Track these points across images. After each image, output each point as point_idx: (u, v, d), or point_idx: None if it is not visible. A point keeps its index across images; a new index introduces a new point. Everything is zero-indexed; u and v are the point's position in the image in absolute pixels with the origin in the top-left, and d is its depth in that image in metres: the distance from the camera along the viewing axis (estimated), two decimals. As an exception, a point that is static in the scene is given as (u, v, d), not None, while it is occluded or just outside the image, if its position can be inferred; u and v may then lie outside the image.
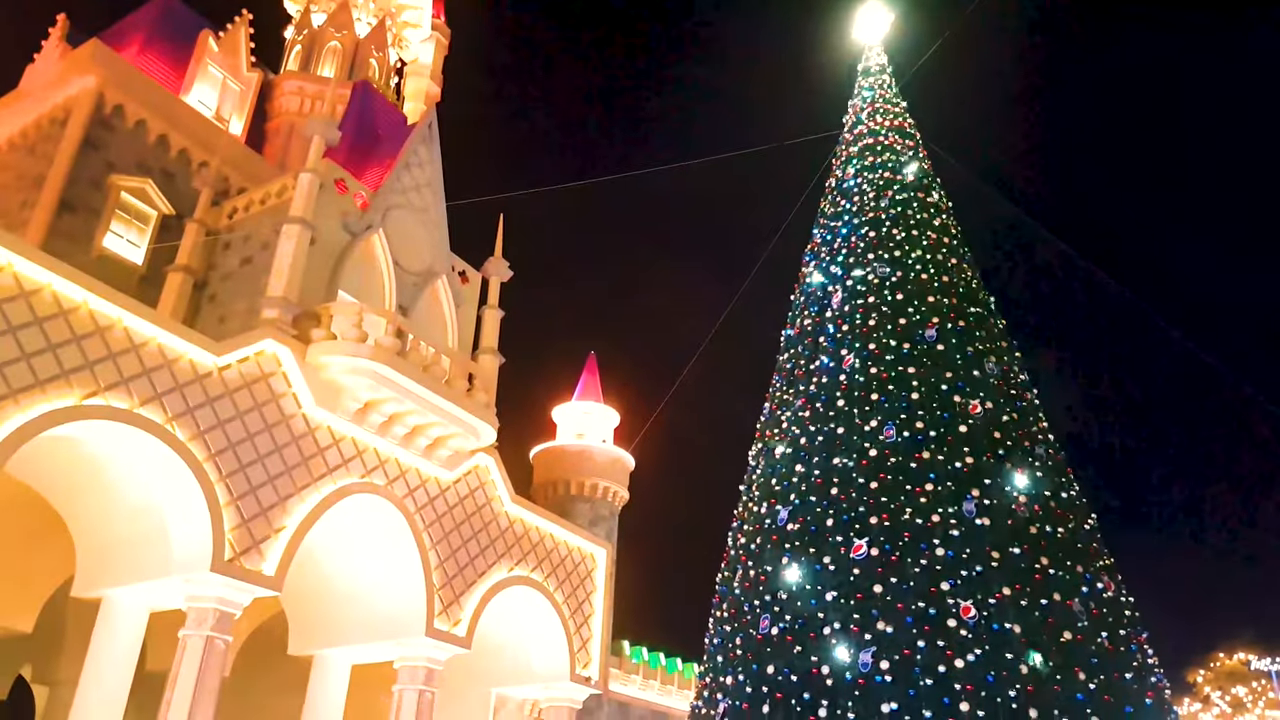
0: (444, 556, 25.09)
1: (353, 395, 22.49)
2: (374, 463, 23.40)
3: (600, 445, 37.65)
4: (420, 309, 26.01)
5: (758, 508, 15.51)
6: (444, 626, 24.72)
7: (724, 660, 14.41)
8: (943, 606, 12.68)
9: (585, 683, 29.75)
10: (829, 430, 15.11)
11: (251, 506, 20.17)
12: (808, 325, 16.73)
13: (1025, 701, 11.82)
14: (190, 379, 19.58)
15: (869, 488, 14.11)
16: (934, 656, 12.31)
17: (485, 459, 27.17)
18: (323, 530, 22.63)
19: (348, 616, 24.81)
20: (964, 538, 13.20)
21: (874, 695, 12.26)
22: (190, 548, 19.45)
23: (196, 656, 19.27)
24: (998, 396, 14.94)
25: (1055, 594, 12.85)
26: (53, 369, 17.46)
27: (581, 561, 31.01)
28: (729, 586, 15.34)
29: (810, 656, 12.99)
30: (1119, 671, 12.61)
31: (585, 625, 30.32)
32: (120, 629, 20.15)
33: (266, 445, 20.76)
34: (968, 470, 13.87)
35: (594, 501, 36.25)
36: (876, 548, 13.45)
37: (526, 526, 28.63)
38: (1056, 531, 13.66)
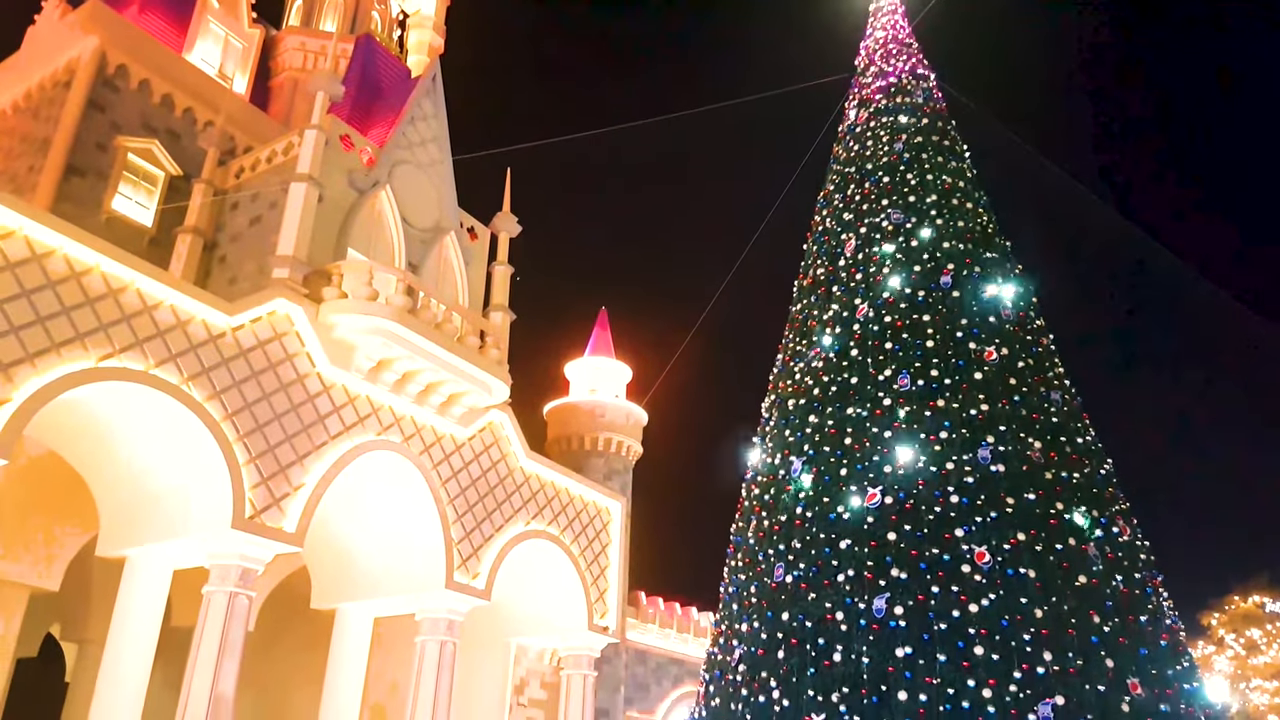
0: (461, 512, 25.35)
1: (365, 354, 22.57)
2: (389, 420, 23.55)
3: (613, 400, 37.74)
4: (430, 266, 25.97)
5: (771, 459, 15.54)
6: (463, 579, 25.06)
7: (739, 608, 14.55)
8: (957, 553, 12.72)
9: (603, 632, 30.20)
10: (842, 380, 15.06)
11: (270, 465, 20.38)
12: (820, 274, 16.59)
13: (1039, 645, 11.91)
14: (204, 340, 19.67)
15: (883, 437, 14.09)
16: (948, 602, 12.37)
17: (499, 415, 27.31)
18: (341, 487, 22.87)
19: (369, 571, 25.19)
20: (978, 484, 13.21)
21: (888, 640, 12.35)
22: (211, 506, 19.70)
23: (221, 612, 19.62)
24: (1013, 342, 14.84)
25: (1070, 539, 12.88)
26: (68, 332, 17.57)
27: (597, 515, 31.29)
28: (743, 536, 15.43)
29: (824, 603, 13.08)
30: (1134, 615, 12.67)
31: (602, 577, 30.68)
32: (145, 587, 20.52)
33: (282, 405, 20.91)
34: (982, 417, 13.84)
35: (608, 456, 36.44)
36: (890, 496, 13.47)
37: (542, 481, 28.85)
38: (1072, 476, 13.64)
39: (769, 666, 13.25)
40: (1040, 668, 11.76)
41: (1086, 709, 11.51)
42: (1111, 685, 11.79)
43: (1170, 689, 12.27)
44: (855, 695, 12.13)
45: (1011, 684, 11.65)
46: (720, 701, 13.89)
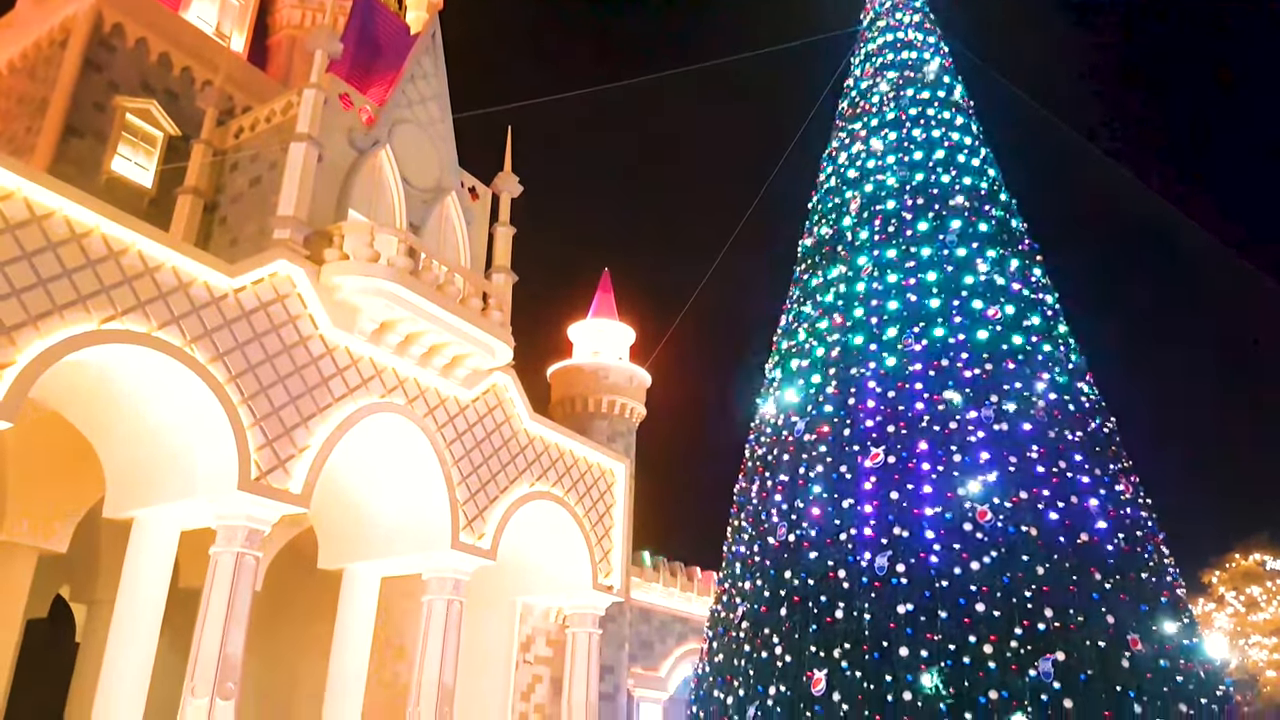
0: (466, 473, 25.46)
1: (368, 316, 22.53)
2: (393, 383, 23.57)
3: (616, 362, 37.72)
4: (431, 227, 25.83)
5: (775, 419, 15.56)
6: (469, 540, 25.23)
7: (742, 567, 14.67)
8: (959, 511, 12.78)
9: (608, 591, 30.46)
10: (846, 341, 15.04)
11: (275, 427, 20.43)
12: (825, 234, 16.48)
13: (1040, 601, 11.99)
14: (206, 302, 19.63)
15: (886, 397, 14.10)
16: (950, 560, 12.46)
17: (503, 377, 27.33)
18: (347, 449, 22.94)
19: (375, 531, 25.36)
20: (981, 443, 13.23)
21: (890, 597, 12.47)
22: (216, 468, 19.78)
23: (228, 573, 19.77)
24: (1018, 301, 14.77)
25: (1072, 496, 12.91)
26: (69, 294, 17.53)
27: (601, 476, 31.42)
28: (747, 497, 15.51)
29: (827, 561, 13.19)
30: (1134, 572, 12.74)
31: (606, 537, 30.88)
32: (152, 548, 20.65)
33: (286, 367, 20.91)
34: (986, 376, 13.82)
35: (611, 418, 36.51)
36: (894, 456, 13.52)
37: (546, 443, 28.94)
38: (1075, 435, 13.65)
39: (772, 623, 13.39)
40: (1041, 624, 11.86)
41: (1087, 664, 11.62)
42: (1112, 641, 11.89)
43: (1170, 644, 12.38)
44: (857, 651, 12.26)
45: (1012, 640, 11.76)
46: (724, 657, 14.05)
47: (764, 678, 12.98)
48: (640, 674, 36.18)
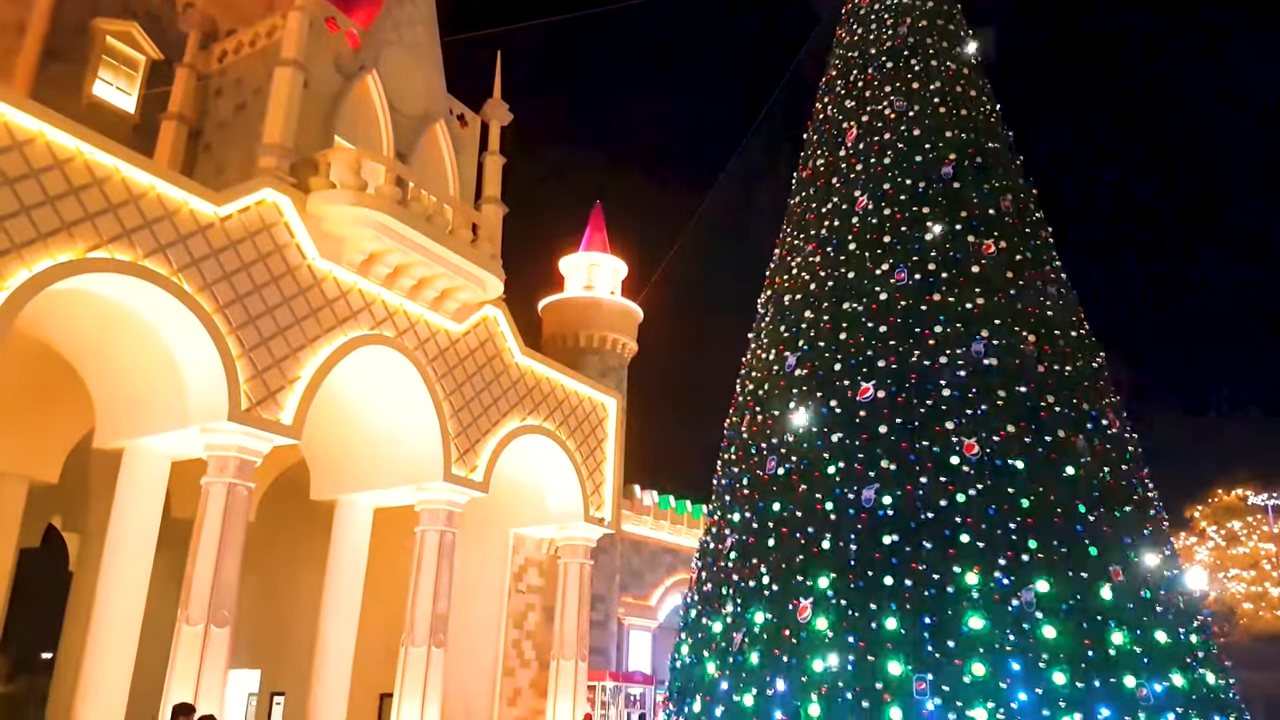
0: (458, 407, 25.52)
1: (357, 246, 22.31)
2: (383, 315, 23.45)
3: (608, 297, 37.59)
4: (419, 156, 25.41)
5: (766, 354, 15.53)
6: (461, 472, 25.40)
7: (731, 500, 14.77)
8: (946, 444, 12.84)
9: (599, 523, 30.83)
10: (839, 275, 14.93)
11: (264, 358, 20.37)
12: (820, 165, 16.25)
13: (1025, 533, 12.13)
14: (192, 230, 19.40)
15: (878, 331, 14.05)
16: (936, 492, 12.54)
17: (494, 311, 27.22)
18: (338, 380, 22.92)
19: (367, 463, 25.49)
20: (971, 378, 13.24)
21: (875, 529, 12.57)
22: (207, 398, 19.77)
23: (220, 503, 19.89)
24: (1012, 235, 14.65)
25: (1059, 430, 12.98)
26: (53, 222, 17.30)
27: (592, 411, 31.54)
28: (737, 431, 15.54)
29: (815, 494, 13.27)
30: (1119, 504, 12.88)
31: (598, 471, 31.14)
32: (143, 478, 20.74)
33: (274, 297, 20.77)
34: (978, 311, 13.77)
35: (603, 353, 36.50)
36: (883, 390, 13.51)
37: (537, 378, 28.96)
38: (1064, 370, 13.67)
39: (759, 553, 13.53)
40: (1025, 555, 12.01)
41: (1069, 595, 11.81)
42: (1094, 572, 12.06)
43: (1151, 576, 12.56)
44: (842, 580, 12.42)
45: (996, 570, 11.91)
46: (712, 586, 14.23)
47: (751, 605, 13.16)
48: (631, 603, 36.82)
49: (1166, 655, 11.86)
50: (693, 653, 14.05)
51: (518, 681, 30.05)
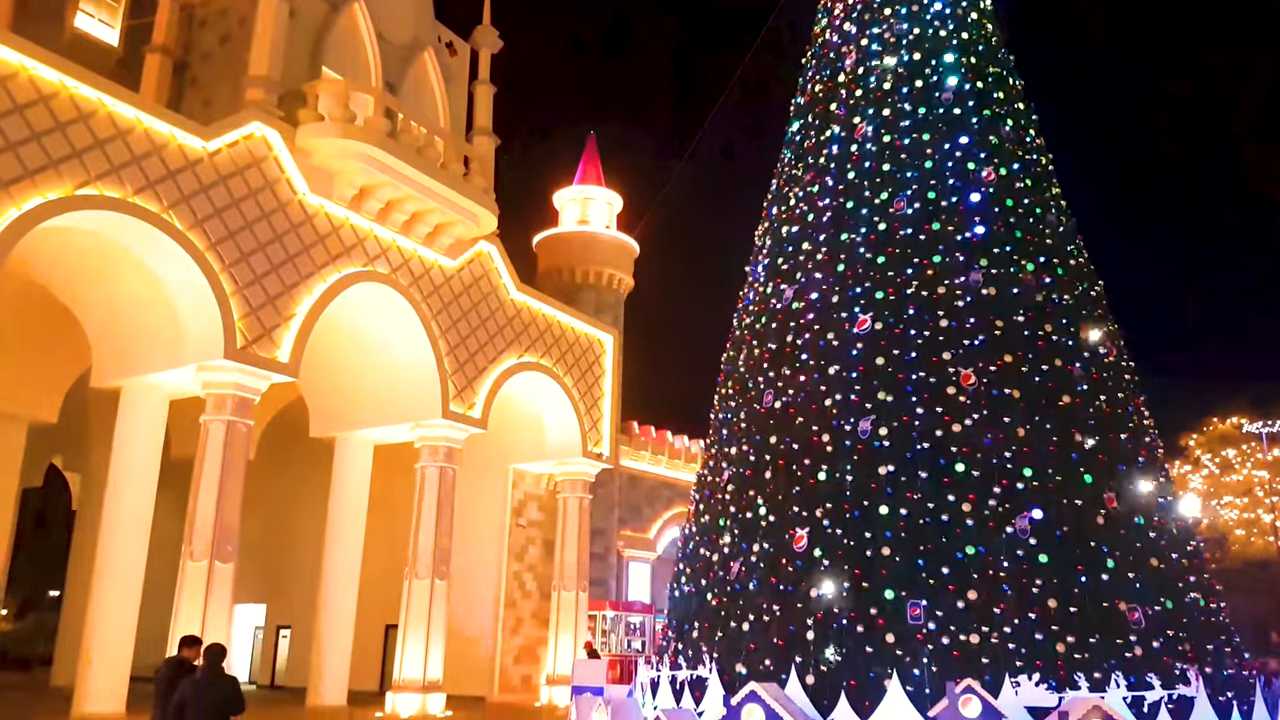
0: (454, 344, 25.49)
1: (347, 181, 22.05)
2: (375, 251, 23.29)
3: (603, 231, 37.28)
4: (409, 86, 24.94)
5: (763, 288, 15.42)
6: (459, 409, 25.48)
7: (728, 434, 14.80)
8: (943, 375, 12.80)
9: (597, 459, 31.07)
10: (838, 205, 14.73)
11: (258, 295, 20.28)
12: (819, 91, 15.91)
13: (1020, 462, 12.17)
14: (181, 166, 19.14)
15: (876, 263, 13.92)
16: (932, 422, 12.55)
17: (487, 246, 27.02)
18: (333, 318, 22.87)
19: (365, 401, 25.57)
20: (969, 308, 13.15)
21: (871, 459, 12.61)
22: (202, 336, 19.74)
23: (219, 441, 19.99)
24: (1012, 162, 14.43)
25: (1057, 359, 12.95)
26: (40, 159, 17.07)
27: (589, 347, 31.54)
28: (734, 365, 15.50)
29: (811, 426, 13.29)
30: (1115, 432, 12.90)
31: (595, 407, 31.26)
32: (142, 417, 20.81)
33: (266, 234, 20.59)
34: (977, 240, 13.63)
35: (599, 289, 36.32)
36: (880, 322, 13.44)
37: (533, 314, 28.89)
38: (1063, 298, 13.57)
39: (756, 486, 13.60)
40: (1019, 484, 12.07)
41: (1062, 522, 11.89)
42: (1089, 499, 12.13)
43: (1145, 503, 12.65)
44: (838, 510, 12.50)
45: (990, 499, 11.97)
46: (710, 519, 14.34)
47: (748, 536, 13.28)
48: (629, 536, 37.28)
49: (1158, 580, 12.00)
50: (691, 582, 14.22)
51: (520, 612, 30.58)
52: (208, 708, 9.15)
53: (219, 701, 9.18)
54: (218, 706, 9.15)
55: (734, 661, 12.43)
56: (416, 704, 23.83)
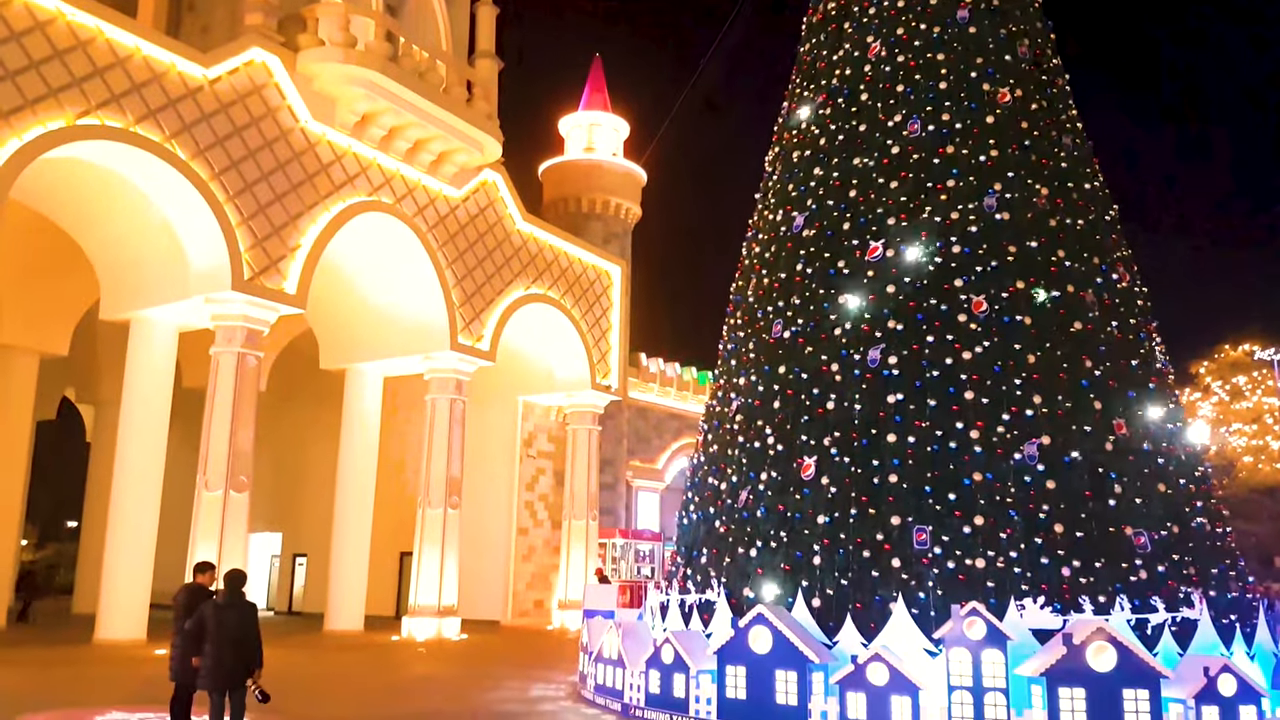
0: (460, 275, 25.38)
1: (349, 107, 21.72)
2: (379, 180, 23.05)
3: (610, 159, 36.76)
4: (409, 8, 24.34)
5: (773, 215, 15.21)
6: (468, 341, 25.49)
7: (737, 364, 14.75)
8: (955, 302, 12.68)
9: (605, 391, 31.17)
10: (850, 128, 14.43)
11: (263, 226, 20.16)
12: (831, 9, 15.46)
13: (1030, 389, 12.11)
14: (182, 94, 18.86)
15: (888, 188, 13.68)
16: (942, 350, 12.47)
17: (493, 175, 26.72)
18: (340, 249, 22.75)
19: (374, 333, 25.60)
20: (982, 234, 12.96)
21: (880, 388, 12.57)
22: (209, 268, 19.69)
23: (230, 372, 20.08)
24: (1028, 83, 14.07)
25: (1069, 285, 12.80)
26: (39, 88, 16.83)
27: (597, 279, 31.39)
28: (743, 295, 15.38)
29: (820, 356, 13.23)
30: (1125, 359, 12.81)
31: (603, 339, 31.26)
32: (152, 349, 20.88)
33: (269, 163, 20.38)
34: (992, 164, 13.36)
35: (606, 219, 35.98)
36: (892, 249, 13.27)
37: (540, 245, 28.69)
38: (1076, 223, 13.36)
39: (765, 415, 13.60)
40: (1029, 410, 12.03)
41: (1071, 448, 11.88)
42: (1097, 425, 12.10)
43: (1154, 429, 12.62)
44: (846, 438, 12.51)
45: (999, 426, 11.95)
46: (718, 448, 14.39)
47: (756, 465, 13.33)
48: (638, 466, 37.59)
49: (1165, 506, 12.03)
50: (699, 510, 14.33)
51: (531, 540, 31.04)
52: (225, 631, 9.31)
53: (236, 625, 9.33)
54: (235, 630, 9.30)
55: (741, 586, 12.59)
56: (432, 628, 24.34)
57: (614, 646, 13.03)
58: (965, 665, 10.21)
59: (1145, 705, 9.84)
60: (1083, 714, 9.82)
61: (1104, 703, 9.82)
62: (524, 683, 15.85)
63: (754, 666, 11.15)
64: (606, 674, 13.21)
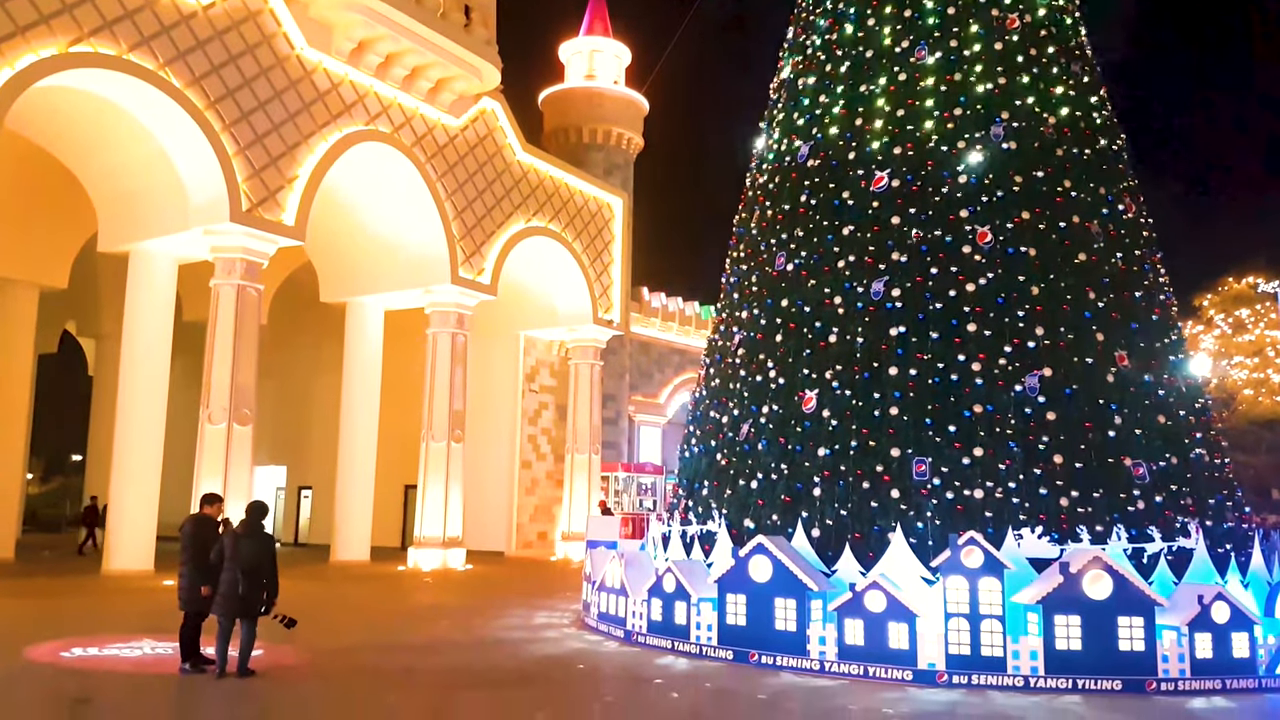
0: (460, 208, 25.16)
1: (345, 34, 21.31)
2: (377, 109, 22.71)
3: (611, 87, 36.10)
4: (404, -72, 23.67)
5: (778, 144, 14.98)
6: (468, 275, 25.38)
7: (740, 297, 14.68)
8: (959, 234, 12.56)
9: (608, 325, 31.15)
10: (857, 54, 14.13)
11: (260, 156, 19.93)
12: (836, -69, 15.06)
13: (1033, 321, 12.06)
14: (175, 20, 18.48)
15: (895, 115, 13.44)
16: (945, 282, 12.39)
17: (491, 104, 26.30)
18: (338, 181, 22.52)
19: (374, 266, 25.49)
20: (988, 163, 12.78)
21: (883, 321, 12.52)
22: (207, 199, 19.53)
23: (231, 305, 20.05)
24: (1038, 9, 13.73)
25: (1075, 216, 12.65)
26: (31, 14, 16.49)
27: (598, 211, 31.12)
28: (746, 227, 15.23)
29: (824, 289, 13.15)
30: (1129, 290, 12.72)
31: (605, 273, 31.12)
32: (152, 281, 20.81)
33: (265, 91, 20.07)
34: (999, 92, 13.10)
35: (607, 149, 35.50)
36: (898, 179, 13.10)
37: (540, 176, 28.37)
38: (1083, 153, 13.15)
39: (767, 349, 13.58)
40: (1031, 342, 12.01)
41: (1072, 379, 11.88)
42: (1099, 357, 12.08)
43: (1156, 361, 12.61)
44: (848, 371, 12.51)
45: (1000, 358, 11.94)
46: (720, 382, 14.40)
47: (758, 398, 13.35)
48: (640, 401, 37.75)
49: (1164, 437, 12.07)
50: (701, 443, 14.41)
51: (534, 473, 31.34)
52: (241, 560, 9.45)
53: (252, 555, 9.47)
54: (250, 560, 9.44)
55: (742, 517, 12.72)
56: (437, 559, 24.71)
57: (617, 576, 13.23)
58: (962, 593, 10.36)
59: (1140, 632, 10.01)
60: (1078, 640, 10.00)
61: (1099, 630, 9.99)
62: (529, 611, 16.13)
63: (754, 595, 11.32)
64: (609, 602, 13.43)
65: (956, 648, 10.26)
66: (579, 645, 12.66)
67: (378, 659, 11.35)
